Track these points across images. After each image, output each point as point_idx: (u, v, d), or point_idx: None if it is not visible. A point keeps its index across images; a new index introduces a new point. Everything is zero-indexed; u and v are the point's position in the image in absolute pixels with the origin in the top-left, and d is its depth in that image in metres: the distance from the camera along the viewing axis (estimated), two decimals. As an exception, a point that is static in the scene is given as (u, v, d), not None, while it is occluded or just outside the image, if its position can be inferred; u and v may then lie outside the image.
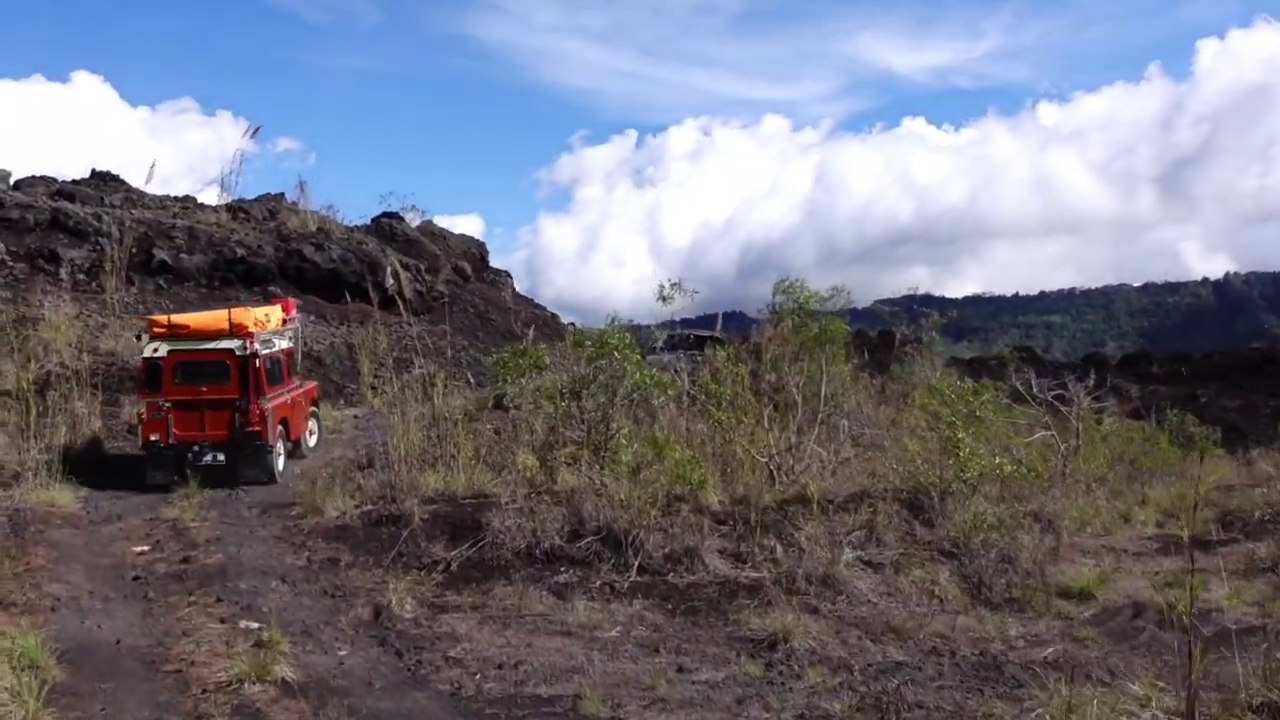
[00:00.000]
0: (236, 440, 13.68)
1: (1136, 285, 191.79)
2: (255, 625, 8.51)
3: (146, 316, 16.10)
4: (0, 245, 21.23)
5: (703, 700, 7.39)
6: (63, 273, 21.29)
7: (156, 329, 13.98)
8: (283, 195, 28.39)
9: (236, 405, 13.65)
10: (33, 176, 26.20)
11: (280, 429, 14.34)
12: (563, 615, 9.26)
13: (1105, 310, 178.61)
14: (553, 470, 12.69)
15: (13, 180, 25.50)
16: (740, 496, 12.33)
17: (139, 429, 14.04)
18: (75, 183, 26.55)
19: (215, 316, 14.33)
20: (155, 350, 13.75)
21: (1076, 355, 67.49)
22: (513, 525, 10.72)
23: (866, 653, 8.62)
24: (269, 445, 13.83)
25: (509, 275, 33.99)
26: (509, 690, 7.55)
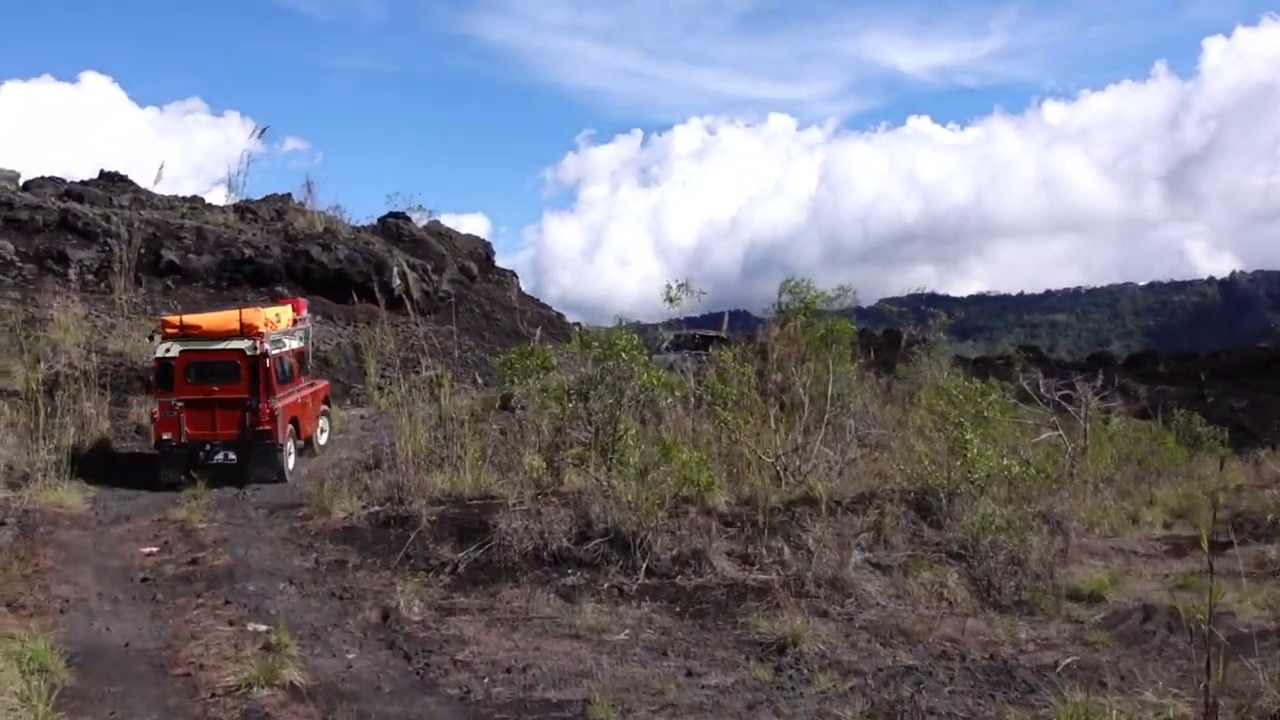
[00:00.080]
0: (247, 439, 13.80)
1: (1142, 284, 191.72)
2: (263, 628, 8.50)
3: (159, 317, 16.19)
4: (9, 246, 21.27)
5: (713, 705, 7.34)
6: (71, 273, 21.32)
7: (169, 329, 14.16)
8: (290, 195, 28.40)
9: (247, 405, 13.76)
10: (41, 177, 26.21)
11: (291, 428, 14.47)
12: (571, 618, 9.22)
13: (1111, 309, 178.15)
14: (559, 471, 12.66)
15: (22, 181, 25.53)
16: (747, 497, 12.29)
17: (152, 428, 14.19)
18: (84, 183, 26.57)
19: (226, 317, 14.45)
20: (168, 350, 13.93)
21: (1082, 354, 67.37)
22: (520, 527, 10.69)
23: (876, 657, 8.55)
24: (279, 444, 13.96)
25: (515, 275, 33.94)
26: (518, 694, 7.51)
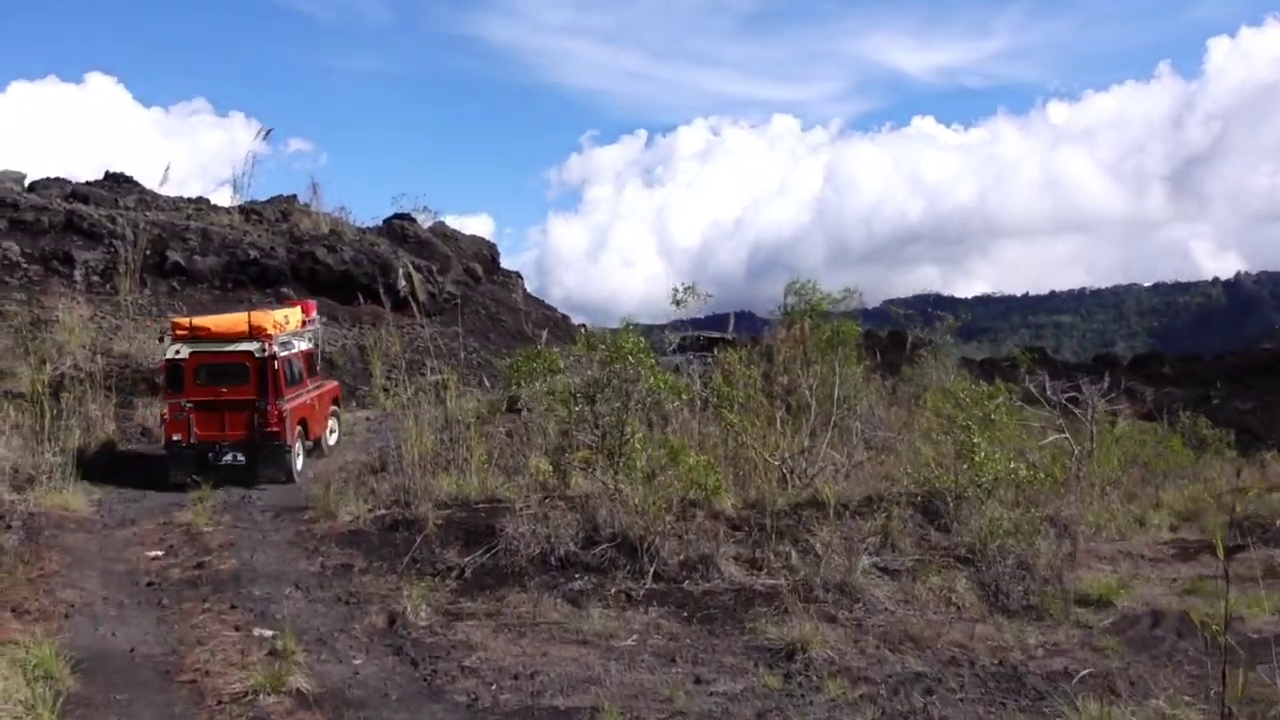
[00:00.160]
0: (255, 440, 13.89)
1: (1147, 285, 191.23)
2: (269, 633, 8.44)
3: (165, 318, 16.25)
4: (15, 247, 21.29)
5: (722, 713, 7.29)
6: (77, 275, 21.34)
7: (179, 331, 14.24)
8: (295, 197, 28.41)
9: (255, 406, 13.82)
10: (47, 178, 26.24)
11: (299, 429, 14.52)
12: (578, 623, 9.16)
13: (1115, 310, 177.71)
14: (566, 475, 12.62)
15: (27, 182, 25.56)
16: (753, 501, 12.24)
17: (162, 429, 14.26)
18: (89, 184, 26.60)
19: (235, 319, 14.54)
20: (177, 352, 14.01)
21: (1087, 355, 67.25)
22: (527, 531, 10.64)
23: (886, 663, 8.50)
24: (287, 445, 14.02)
25: (520, 276, 33.90)
26: (526, 702, 7.45)
